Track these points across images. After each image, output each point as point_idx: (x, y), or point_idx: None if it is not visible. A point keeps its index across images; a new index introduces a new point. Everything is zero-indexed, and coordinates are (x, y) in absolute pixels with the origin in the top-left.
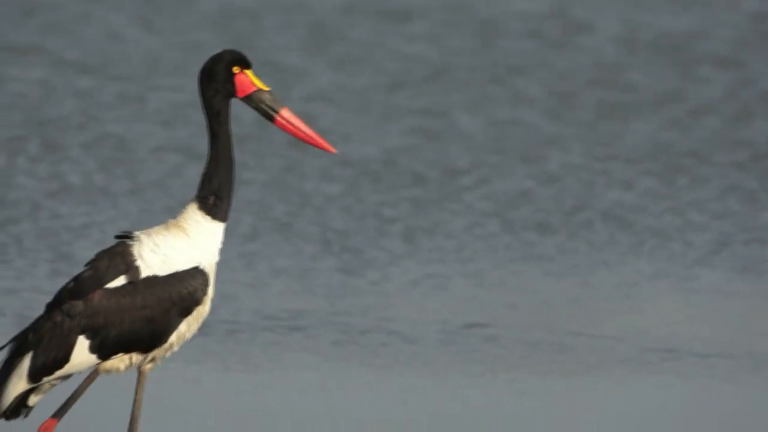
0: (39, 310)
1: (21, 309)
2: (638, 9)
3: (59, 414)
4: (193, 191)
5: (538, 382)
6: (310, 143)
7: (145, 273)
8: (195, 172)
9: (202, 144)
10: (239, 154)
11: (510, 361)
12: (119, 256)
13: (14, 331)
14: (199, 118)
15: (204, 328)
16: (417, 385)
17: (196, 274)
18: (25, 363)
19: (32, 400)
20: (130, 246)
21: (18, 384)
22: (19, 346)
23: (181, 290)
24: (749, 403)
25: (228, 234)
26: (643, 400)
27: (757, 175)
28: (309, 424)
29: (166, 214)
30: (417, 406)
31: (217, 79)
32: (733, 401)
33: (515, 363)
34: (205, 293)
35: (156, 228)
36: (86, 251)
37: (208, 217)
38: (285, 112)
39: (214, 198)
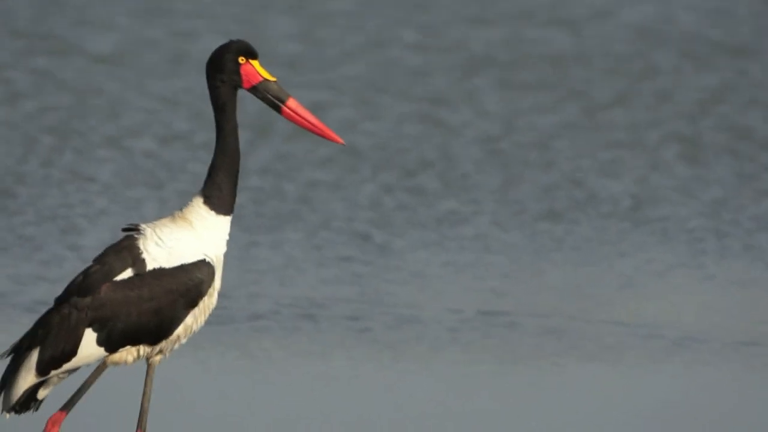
0: (38, 296)
1: (24, 298)
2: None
3: (67, 407)
4: (200, 181)
5: (553, 368)
6: (317, 133)
7: (151, 266)
8: (201, 161)
9: (208, 134)
10: (244, 144)
11: (524, 348)
12: (126, 249)
13: (16, 318)
14: (202, 108)
15: (212, 318)
16: (429, 372)
17: (201, 266)
18: (34, 357)
19: (42, 393)
20: (136, 239)
21: (27, 377)
22: (28, 340)
23: (187, 282)
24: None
25: (235, 224)
26: (661, 387)
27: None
28: (323, 413)
29: (172, 204)
30: (429, 392)
31: (223, 70)
32: (750, 389)
33: (530, 350)
34: (210, 285)
35: (162, 220)
36: (91, 240)
37: (213, 212)
38: (291, 103)
39: (218, 195)
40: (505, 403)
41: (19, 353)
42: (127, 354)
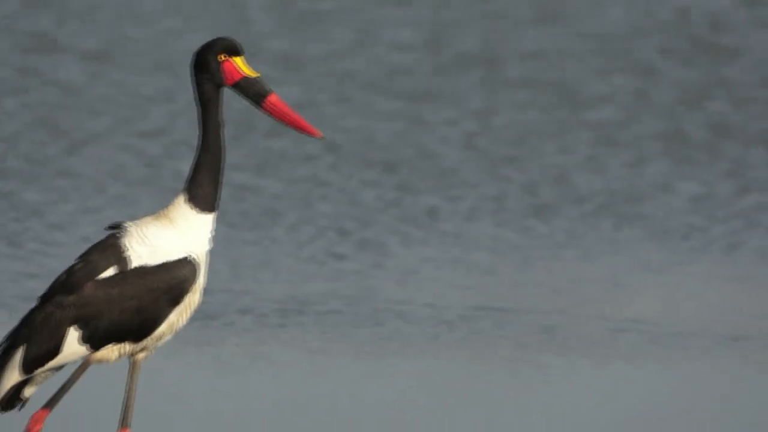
0: (19, 293)
1: (4, 294)
2: None
3: (50, 405)
4: (183, 178)
5: (540, 364)
6: (296, 127)
7: (134, 264)
8: (184, 158)
9: (191, 131)
10: (227, 140)
11: (510, 344)
12: (110, 248)
13: None
14: (187, 105)
15: (194, 314)
16: (414, 368)
17: (185, 263)
18: (18, 355)
19: (27, 391)
20: (120, 237)
21: (11, 376)
22: (13, 338)
23: (170, 280)
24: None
25: (217, 220)
26: (649, 382)
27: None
28: (307, 408)
29: (155, 201)
30: (414, 388)
31: (205, 68)
32: (739, 383)
33: (516, 346)
34: (194, 282)
35: (146, 218)
36: (73, 237)
37: (196, 210)
38: (272, 98)
39: (201, 193)
40: (492, 399)
41: (3, 352)
42: (111, 352)
